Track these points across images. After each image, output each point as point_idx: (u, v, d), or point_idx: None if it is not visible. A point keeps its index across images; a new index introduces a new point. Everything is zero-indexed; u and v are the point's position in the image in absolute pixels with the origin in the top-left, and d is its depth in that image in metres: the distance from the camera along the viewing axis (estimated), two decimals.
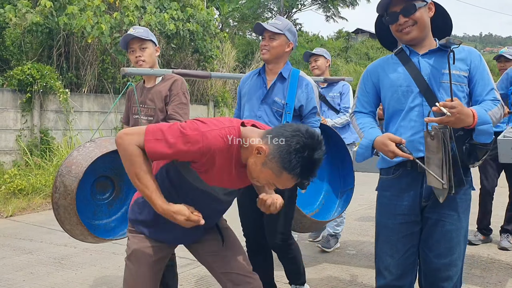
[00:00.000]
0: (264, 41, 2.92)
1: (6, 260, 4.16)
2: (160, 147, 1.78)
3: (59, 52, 9.69)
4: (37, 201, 6.25)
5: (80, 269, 3.93)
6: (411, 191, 2.18)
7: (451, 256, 2.13)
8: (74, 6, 8.47)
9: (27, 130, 8.49)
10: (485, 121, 2.00)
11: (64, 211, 2.66)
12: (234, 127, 1.86)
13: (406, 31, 2.16)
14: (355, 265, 4.02)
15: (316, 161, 1.79)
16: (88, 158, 2.70)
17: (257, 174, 1.85)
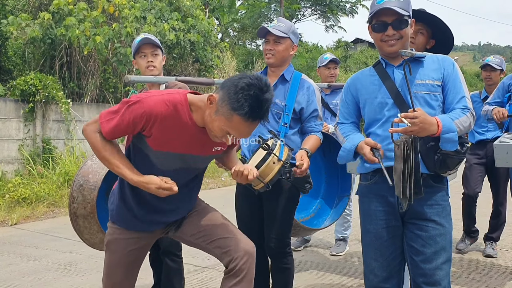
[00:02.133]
0: (269, 45, 2.87)
1: (13, 266, 4.22)
2: (110, 123, 1.93)
3: (61, 62, 9.80)
4: (41, 210, 6.31)
5: (86, 275, 3.99)
6: (388, 197, 2.23)
7: (436, 260, 2.16)
8: (73, 18, 8.58)
9: (30, 140, 8.56)
10: (450, 129, 2.05)
11: (83, 220, 2.69)
12: (178, 93, 1.98)
13: (391, 44, 2.20)
14: (356, 270, 4.08)
15: (263, 101, 1.83)
16: (104, 166, 2.68)
17: (212, 125, 1.90)
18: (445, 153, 2.12)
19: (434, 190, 2.19)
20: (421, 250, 2.18)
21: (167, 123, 1.93)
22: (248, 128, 1.89)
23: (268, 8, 18.43)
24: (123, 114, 1.92)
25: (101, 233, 2.68)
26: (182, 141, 1.99)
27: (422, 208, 2.18)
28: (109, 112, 1.97)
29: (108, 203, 2.24)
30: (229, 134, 1.91)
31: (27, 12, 9.72)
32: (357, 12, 19.11)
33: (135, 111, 1.90)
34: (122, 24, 8.91)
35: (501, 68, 4.37)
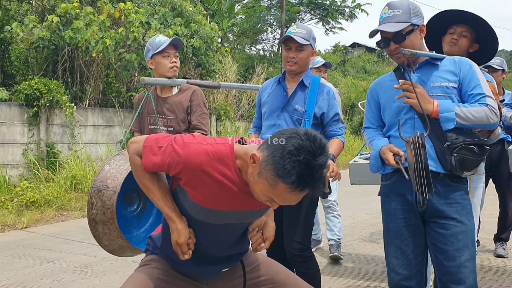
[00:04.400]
0: (291, 53, 2.87)
1: (29, 269, 4.25)
2: (152, 159, 1.74)
3: (64, 67, 9.84)
4: (50, 213, 6.33)
5: (104, 277, 4.02)
6: (406, 195, 2.29)
7: (460, 258, 2.19)
8: (80, 21, 8.63)
9: (34, 144, 8.59)
10: (447, 109, 2.16)
11: (103, 226, 2.63)
12: (225, 143, 1.73)
13: (397, 56, 2.30)
14: (370, 270, 4.14)
15: (315, 168, 1.52)
16: (122, 171, 2.67)
17: (254, 187, 1.63)
18: (463, 154, 2.16)
19: (453, 189, 2.24)
20: (443, 248, 2.22)
21: (206, 178, 1.69)
22: (296, 197, 1.59)
23: (267, 12, 18.52)
24: (163, 153, 1.72)
25: (120, 239, 2.63)
26: (228, 198, 1.73)
27: (442, 206, 2.23)
28: (156, 142, 1.76)
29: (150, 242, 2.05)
30: (273, 201, 1.63)
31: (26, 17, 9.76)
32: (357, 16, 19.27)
33: (173, 157, 1.69)
34: (128, 29, 8.95)
35: (502, 68, 4.45)
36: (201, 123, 2.98)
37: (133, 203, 2.94)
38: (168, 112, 3.02)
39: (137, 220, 2.93)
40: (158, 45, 3.05)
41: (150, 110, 3.06)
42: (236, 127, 11.91)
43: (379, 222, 6.05)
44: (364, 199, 6.92)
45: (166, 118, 3.03)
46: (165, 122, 3.03)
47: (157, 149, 1.73)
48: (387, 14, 2.28)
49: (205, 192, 1.71)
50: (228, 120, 11.72)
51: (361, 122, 17.08)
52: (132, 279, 1.87)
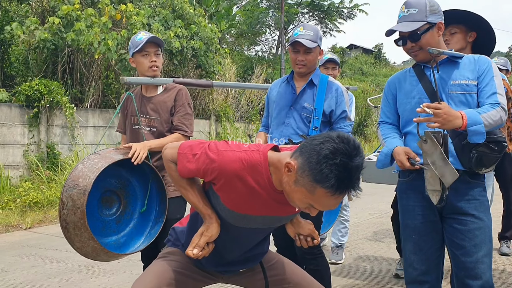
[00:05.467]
0: (300, 56, 2.91)
1: (37, 268, 4.26)
2: (187, 166, 1.79)
3: (63, 68, 9.84)
4: (53, 214, 6.33)
5: (112, 276, 4.04)
6: (425, 193, 2.30)
7: (477, 254, 2.23)
8: (82, 23, 8.64)
9: (34, 145, 8.58)
10: (476, 122, 2.11)
11: (74, 227, 2.54)
12: (259, 151, 1.75)
13: (414, 54, 2.35)
14: (377, 269, 4.17)
15: (353, 169, 1.52)
16: (94, 170, 2.57)
17: (292, 196, 1.65)
18: (481, 151, 2.21)
19: (471, 186, 2.29)
20: (461, 244, 2.26)
21: (240, 184, 1.72)
22: (335, 201, 1.59)
23: (265, 14, 18.53)
24: (198, 160, 1.76)
25: (92, 240, 2.53)
26: (259, 204, 1.77)
27: (460, 203, 2.27)
28: (190, 149, 1.81)
29: (173, 233, 2.10)
30: (312, 207, 1.64)
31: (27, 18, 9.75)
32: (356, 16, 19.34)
33: (209, 164, 1.73)
34: (130, 31, 8.97)
35: (506, 68, 4.50)
36: (183, 124, 2.88)
37: (113, 206, 2.86)
38: (151, 112, 2.92)
39: (116, 224, 2.87)
40: (137, 43, 2.94)
41: (134, 110, 2.98)
42: (235, 128, 11.94)
43: (381, 222, 6.10)
44: (366, 199, 6.96)
45: (150, 118, 2.93)
46: (149, 122, 2.93)
47: (191, 156, 1.78)
48: (404, 13, 2.32)
49: (237, 198, 1.75)
50: (227, 121, 11.75)
51: (360, 123, 17.13)
52: (150, 270, 1.93)
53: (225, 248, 1.90)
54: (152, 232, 2.85)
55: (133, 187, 2.89)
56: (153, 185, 2.87)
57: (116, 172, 2.81)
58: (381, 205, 7.10)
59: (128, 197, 2.88)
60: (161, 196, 2.86)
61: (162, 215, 2.84)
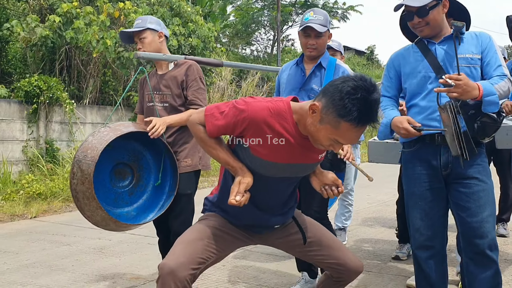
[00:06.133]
0: (311, 40, 3.03)
1: (48, 250, 4.34)
2: (215, 123, 1.91)
3: (61, 66, 9.91)
4: (57, 204, 6.40)
5: (123, 256, 4.14)
6: (431, 161, 2.46)
7: (482, 214, 2.37)
8: (81, 21, 8.74)
9: (33, 141, 8.63)
10: (491, 93, 2.27)
11: (83, 196, 2.64)
12: (282, 101, 1.92)
13: (420, 30, 2.47)
14: (379, 249, 4.30)
15: (372, 103, 1.72)
16: (103, 141, 2.67)
17: (317, 135, 1.82)
18: (484, 121, 2.35)
19: None
20: (466, 206, 2.40)
21: (269, 131, 1.87)
22: (357, 134, 1.78)
23: (260, 13, 18.61)
24: (226, 116, 1.89)
25: (100, 210, 2.63)
26: (287, 151, 1.91)
27: (465, 168, 2.40)
28: (216, 109, 1.93)
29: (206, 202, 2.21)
30: (337, 142, 1.82)
31: (26, 16, 9.82)
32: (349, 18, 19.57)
33: (238, 115, 1.86)
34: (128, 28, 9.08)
35: (503, 56, 4.66)
36: (197, 98, 2.93)
37: (126, 179, 2.97)
38: (164, 88, 2.99)
39: (129, 196, 2.97)
40: None
41: (149, 89, 3.06)
42: None
43: (380, 210, 6.25)
44: (364, 190, 7.10)
45: (162, 94, 3.00)
46: (161, 98, 3.00)
47: (219, 114, 1.91)
48: None
49: (266, 145, 1.89)
50: None
51: None
52: (191, 228, 2.07)
53: (257, 199, 2.01)
54: (165, 205, 2.95)
55: (147, 160, 3.00)
56: (167, 159, 2.97)
57: (129, 145, 2.92)
58: (379, 195, 7.25)
59: (141, 170, 2.99)
60: (174, 170, 2.96)
61: (174, 188, 2.94)
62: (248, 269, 3.76)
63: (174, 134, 2.97)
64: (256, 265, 3.86)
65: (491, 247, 2.38)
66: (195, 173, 3.02)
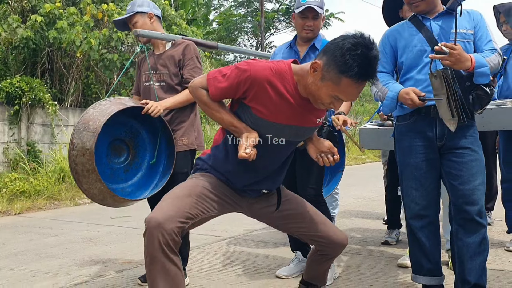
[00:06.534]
0: (309, 21, 3.07)
1: (36, 241, 4.28)
2: (218, 85, 1.95)
3: (43, 68, 9.83)
4: (41, 202, 6.31)
5: (113, 245, 4.11)
6: (426, 133, 2.54)
7: (473, 182, 2.46)
8: (64, 21, 8.69)
9: (14, 143, 8.51)
10: (482, 64, 2.38)
11: (82, 169, 2.62)
12: (284, 62, 1.98)
13: (415, 5, 2.56)
14: (368, 236, 4.36)
15: (372, 58, 1.78)
16: (105, 114, 2.66)
17: (319, 93, 1.86)
18: (478, 93, 2.45)
19: (468, 125, 2.51)
20: (458, 174, 2.48)
21: (271, 91, 1.91)
22: (357, 90, 1.84)
23: (244, 19, 18.64)
24: (229, 77, 1.93)
25: (99, 182, 2.62)
26: (287, 111, 1.96)
27: (458, 139, 2.50)
28: (219, 72, 1.98)
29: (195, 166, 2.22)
30: (337, 99, 1.87)
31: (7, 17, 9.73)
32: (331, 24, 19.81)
33: (241, 75, 1.90)
34: (112, 29, 9.07)
35: None
36: (193, 76, 2.90)
37: (122, 155, 2.97)
38: (161, 67, 3.01)
39: (124, 173, 2.97)
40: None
41: (146, 68, 3.08)
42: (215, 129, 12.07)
43: (366, 204, 6.33)
44: (349, 188, 7.20)
45: (159, 73, 3.01)
46: (158, 77, 3.02)
47: (221, 77, 1.96)
48: None
49: (268, 105, 1.93)
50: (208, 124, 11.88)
51: None
52: (180, 185, 2.08)
53: (252, 162, 2.01)
54: (160, 184, 2.96)
55: (143, 138, 3.01)
56: (163, 139, 2.98)
57: (127, 122, 2.93)
58: (364, 192, 7.34)
59: (137, 147, 3.00)
60: (170, 150, 2.97)
61: (169, 168, 2.95)
62: (240, 254, 3.77)
63: (171, 112, 2.98)
64: (247, 251, 3.88)
65: (480, 214, 2.47)
66: (191, 152, 3.04)
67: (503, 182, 4.02)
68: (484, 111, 3.14)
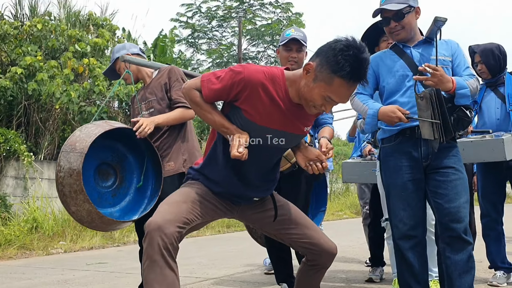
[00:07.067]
0: (293, 53, 3.20)
1: (7, 284, 4.08)
2: (212, 87, 1.99)
3: (18, 121, 9.76)
4: (12, 252, 6.04)
5: (90, 285, 3.94)
6: (412, 153, 2.62)
7: (458, 200, 2.53)
8: (44, 74, 8.77)
9: None
10: (463, 86, 2.52)
11: (69, 190, 2.59)
12: (277, 68, 2.04)
13: (396, 33, 2.72)
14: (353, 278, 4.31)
15: (363, 60, 1.84)
16: (91, 135, 2.68)
17: (311, 94, 1.91)
18: (459, 115, 2.57)
19: (450, 146, 2.63)
20: (444, 193, 2.55)
21: (263, 94, 1.95)
22: (348, 91, 1.90)
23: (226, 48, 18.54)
24: (223, 79, 1.97)
25: (87, 203, 2.59)
26: (276, 116, 2.00)
27: (442, 159, 2.59)
28: (213, 75, 2.02)
29: (191, 171, 2.24)
30: (329, 100, 1.92)
31: None
32: None
33: (235, 77, 1.94)
34: (93, 83, 9.19)
35: None
36: (180, 97, 2.94)
37: (109, 179, 2.96)
38: (149, 96, 3.06)
39: (112, 197, 2.96)
40: None
41: (136, 102, 3.14)
42: None
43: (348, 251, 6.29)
44: None
45: (148, 101, 3.07)
46: (147, 105, 3.06)
47: (215, 79, 2.00)
48: None
49: (258, 108, 1.98)
50: None
51: None
52: (175, 192, 2.11)
53: (242, 170, 2.08)
54: (148, 207, 2.93)
55: (130, 163, 3.01)
56: (149, 163, 2.98)
57: (113, 145, 2.93)
58: (344, 242, 7.27)
59: (124, 172, 2.99)
60: (157, 174, 2.97)
61: (157, 191, 2.93)
62: None
63: (160, 139, 3.00)
64: None
65: (466, 232, 2.52)
66: (179, 177, 3.01)
67: (482, 217, 4.08)
68: (464, 144, 3.27)
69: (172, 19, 17.65)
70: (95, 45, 9.92)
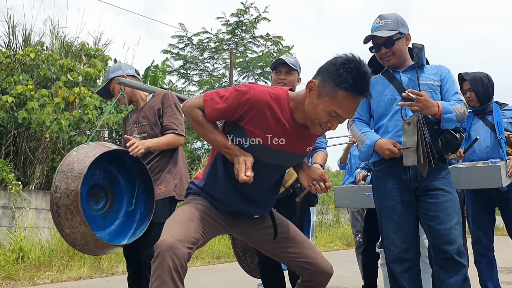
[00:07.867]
0: (282, 75, 3.20)
1: None
2: (216, 107, 1.98)
3: (7, 151, 9.69)
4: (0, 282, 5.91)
5: None
6: (401, 176, 2.66)
7: (450, 221, 2.54)
8: (35, 102, 8.77)
9: None
10: (449, 111, 2.57)
11: (65, 211, 2.54)
12: (282, 89, 2.05)
13: (387, 59, 2.78)
14: None
15: (365, 72, 1.86)
16: (90, 155, 2.66)
17: (316, 111, 1.90)
18: (448, 137, 2.61)
19: (440, 168, 2.65)
20: (435, 215, 2.56)
21: (269, 115, 1.96)
22: (353, 104, 1.89)
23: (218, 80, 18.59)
24: (227, 99, 1.96)
25: (83, 225, 2.54)
26: (281, 137, 2.01)
27: (432, 181, 2.61)
28: (216, 94, 2.01)
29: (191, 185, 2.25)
30: (335, 115, 1.91)
31: None
32: None
33: (241, 97, 1.94)
34: (83, 111, 9.20)
35: None
36: (172, 123, 2.99)
37: (99, 202, 2.94)
38: (142, 119, 3.08)
39: (102, 220, 2.94)
40: None
41: (129, 124, 3.15)
42: None
43: (340, 281, 6.22)
44: None
45: (141, 125, 3.08)
46: (140, 129, 3.07)
47: (219, 99, 1.99)
48: (379, 24, 2.77)
49: (263, 128, 1.98)
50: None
51: None
52: (180, 210, 2.09)
53: (243, 187, 2.07)
54: (137, 232, 2.91)
55: (120, 186, 2.99)
56: (140, 187, 2.97)
57: (106, 168, 2.92)
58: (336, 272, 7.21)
59: (115, 195, 2.97)
60: (147, 198, 2.96)
61: (148, 215, 2.92)
62: None
63: (151, 162, 3.00)
64: None
65: (459, 253, 2.52)
66: (170, 201, 3.00)
67: (473, 244, 4.07)
68: (460, 170, 3.30)
69: (164, 51, 17.77)
70: (87, 75, 9.98)
